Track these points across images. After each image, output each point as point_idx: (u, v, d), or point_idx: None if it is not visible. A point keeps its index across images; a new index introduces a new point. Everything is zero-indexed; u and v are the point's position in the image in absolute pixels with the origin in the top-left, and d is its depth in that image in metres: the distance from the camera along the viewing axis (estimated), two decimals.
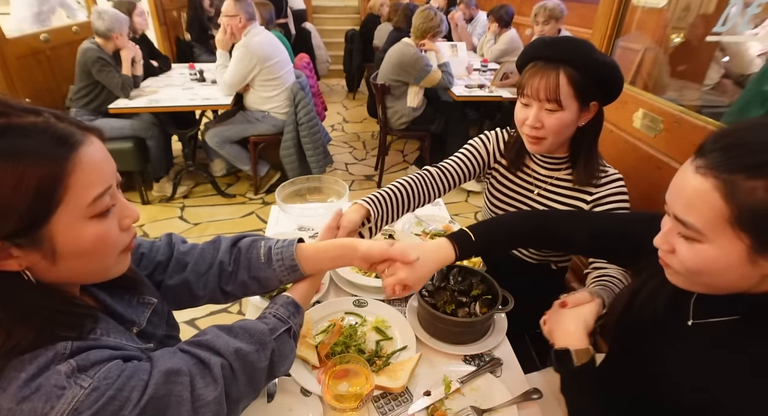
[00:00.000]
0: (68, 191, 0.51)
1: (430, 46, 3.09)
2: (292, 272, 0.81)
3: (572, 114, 1.06)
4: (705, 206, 0.60)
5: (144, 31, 3.42)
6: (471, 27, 4.84)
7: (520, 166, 1.25)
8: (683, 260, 0.65)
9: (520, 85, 1.09)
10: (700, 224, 0.61)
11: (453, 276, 1.12)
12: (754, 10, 1.16)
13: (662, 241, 0.69)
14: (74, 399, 0.49)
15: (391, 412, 0.88)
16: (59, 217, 0.51)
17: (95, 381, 0.51)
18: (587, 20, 3.43)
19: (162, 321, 0.77)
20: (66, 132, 0.52)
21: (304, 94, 2.99)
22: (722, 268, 0.61)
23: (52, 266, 0.53)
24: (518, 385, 0.94)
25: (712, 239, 0.60)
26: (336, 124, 4.84)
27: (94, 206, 0.53)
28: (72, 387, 0.50)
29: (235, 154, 3.18)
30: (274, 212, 1.58)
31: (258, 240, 0.85)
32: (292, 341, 0.75)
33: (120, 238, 0.59)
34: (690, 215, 0.62)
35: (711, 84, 1.84)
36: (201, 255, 0.83)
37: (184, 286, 0.81)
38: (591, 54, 1.02)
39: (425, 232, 1.46)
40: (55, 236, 0.51)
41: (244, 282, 0.82)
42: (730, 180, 0.57)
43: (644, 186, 1.42)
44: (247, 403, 0.69)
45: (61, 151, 0.50)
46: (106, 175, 0.55)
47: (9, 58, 2.77)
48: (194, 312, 2.17)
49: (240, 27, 2.81)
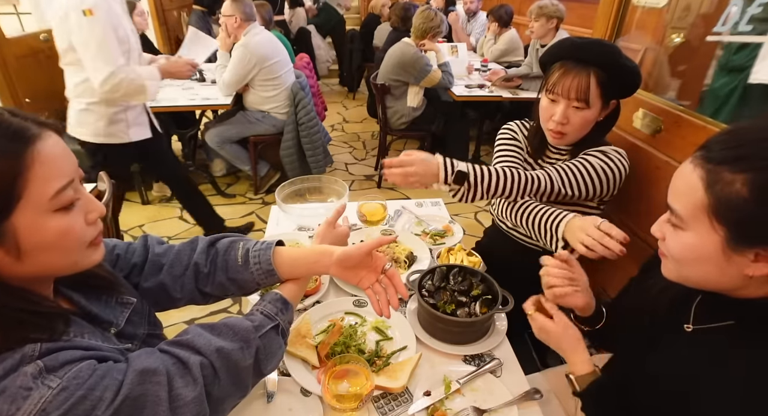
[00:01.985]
0: (28, 185, 0.51)
1: (430, 46, 3.09)
2: (269, 276, 0.80)
3: (596, 112, 1.15)
4: (689, 194, 0.62)
5: (144, 31, 3.42)
6: (470, 27, 4.84)
7: (541, 154, 1.33)
8: (669, 247, 0.68)
9: (548, 82, 1.16)
10: (683, 211, 0.63)
11: (453, 276, 1.12)
12: (754, 10, 1.16)
13: (656, 229, 0.72)
14: (41, 400, 0.48)
15: (391, 412, 0.88)
16: (21, 212, 0.51)
17: (64, 381, 0.50)
18: (587, 20, 3.43)
19: (143, 320, 0.76)
20: (20, 126, 0.51)
21: (304, 94, 2.99)
22: (699, 257, 0.63)
23: (17, 262, 0.53)
24: (518, 385, 0.94)
25: (692, 227, 0.63)
26: (336, 124, 4.84)
27: (57, 199, 0.53)
28: (39, 387, 0.48)
29: (235, 154, 3.18)
30: (274, 212, 1.58)
31: (236, 242, 0.83)
32: (281, 338, 0.74)
33: (85, 232, 0.59)
34: (676, 202, 0.65)
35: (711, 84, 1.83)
36: (177, 257, 0.82)
37: (161, 288, 0.81)
38: (619, 58, 1.10)
39: (425, 232, 1.45)
40: (17, 231, 0.51)
41: (221, 283, 0.81)
42: (714, 170, 0.59)
43: (644, 186, 1.42)
44: (234, 402, 0.68)
45: (16, 146, 0.50)
46: (66, 169, 0.55)
47: (9, 58, 2.77)
48: (194, 312, 2.17)
49: (235, 27, 2.81)
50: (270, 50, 2.89)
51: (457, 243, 1.35)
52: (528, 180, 1.12)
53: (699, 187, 0.61)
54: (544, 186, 1.13)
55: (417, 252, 1.32)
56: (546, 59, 1.20)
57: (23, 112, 0.54)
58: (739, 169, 0.57)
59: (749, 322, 0.66)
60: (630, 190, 1.41)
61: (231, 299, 2.28)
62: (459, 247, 1.32)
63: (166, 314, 2.48)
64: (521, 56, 3.96)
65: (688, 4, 1.64)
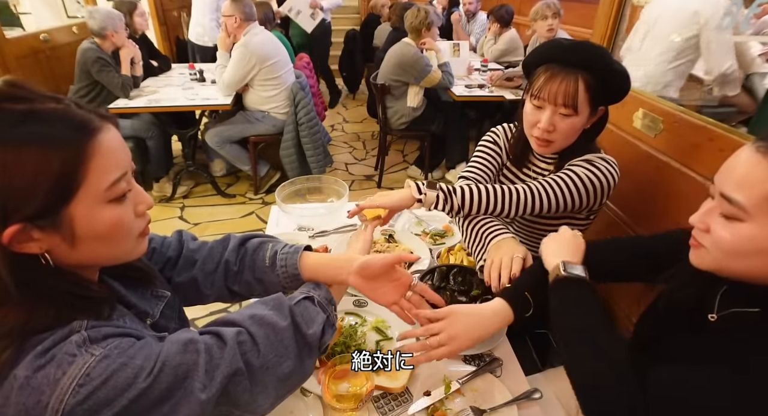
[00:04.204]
0: (87, 175, 0.52)
1: (430, 45, 3.09)
2: (295, 280, 0.80)
3: (584, 118, 1.07)
4: (758, 183, 0.60)
5: (144, 31, 3.42)
6: (470, 27, 4.84)
7: (525, 162, 1.26)
8: (717, 239, 0.65)
9: (533, 87, 1.07)
10: (747, 202, 0.61)
11: (453, 276, 1.12)
12: (755, 10, 1.16)
13: (698, 220, 0.69)
14: (85, 365, 0.50)
15: (391, 412, 0.88)
16: (79, 201, 0.53)
17: (106, 351, 0.52)
18: (587, 20, 3.43)
19: (174, 315, 0.78)
20: (85, 118, 0.54)
21: (304, 94, 2.99)
22: (756, 250, 0.61)
23: (72, 249, 0.55)
24: (518, 385, 0.94)
25: (755, 218, 0.60)
26: (336, 124, 4.84)
27: (112, 190, 0.55)
28: (83, 355, 0.51)
29: (235, 154, 3.18)
30: (274, 212, 1.57)
31: (266, 243, 0.84)
32: (318, 308, 0.71)
33: (135, 223, 0.61)
34: (739, 192, 0.62)
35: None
36: (210, 254, 0.83)
37: (192, 284, 0.82)
38: (608, 62, 1.04)
39: (425, 232, 1.45)
40: (74, 219, 0.53)
41: (249, 282, 0.82)
42: None
43: (644, 186, 1.42)
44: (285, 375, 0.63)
45: (80, 136, 0.52)
46: (122, 161, 0.57)
47: (9, 58, 2.77)
48: (194, 312, 2.17)
49: (235, 27, 2.81)
50: (270, 50, 2.89)
51: (457, 243, 1.35)
52: (505, 193, 1.08)
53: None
54: (524, 199, 1.07)
55: (417, 252, 1.32)
56: (530, 61, 1.11)
57: (87, 105, 0.56)
58: None
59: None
60: (630, 191, 1.41)
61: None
62: (459, 247, 1.32)
63: None
64: (521, 56, 3.96)
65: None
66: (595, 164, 1.10)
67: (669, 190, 1.34)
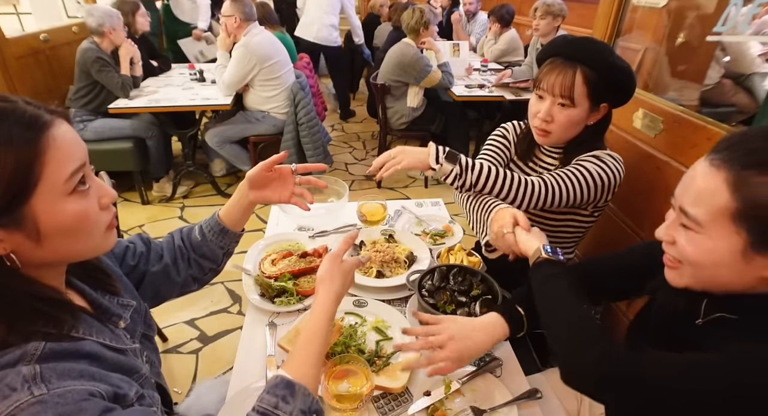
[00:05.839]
0: (44, 169, 0.53)
1: (430, 45, 3.09)
2: (223, 234, 0.94)
3: (582, 112, 1.10)
4: (711, 198, 0.61)
5: (145, 31, 3.42)
6: (470, 27, 4.84)
7: (530, 155, 1.30)
8: (681, 250, 0.66)
9: (537, 78, 1.14)
10: (703, 215, 0.62)
11: (453, 276, 1.12)
12: (754, 10, 1.16)
13: (664, 233, 0.70)
14: (17, 403, 0.47)
15: (391, 412, 0.88)
16: (39, 196, 0.53)
17: (47, 395, 0.49)
18: (587, 20, 3.43)
19: (141, 319, 0.80)
20: (34, 114, 0.54)
21: (304, 94, 2.99)
22: (716, 261, 0.62)
23: (37, 247, 0.54)
24: (518, 385, 0.94)
25: (710, 231, 0.62)
26: (336, 124, 4.84)
27: (71, 181, 0.55)
28: (22, 391, 0.48)
29: (235, 154, 3.18)
30: (274, 212, 1.58)
31: (194, 225, 0.97)
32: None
33: (100, 216, 0.61)
34: (695, 206, 0.63)
35: (711, 84, 1.84)
36: (167, 246, 0.95)
37: (165, 271, 0.92)
38: (608, 56, 1.07)
39: (425, 232, 1.45)
40: (37, 214, 0.53)
41: (196, 261, 0.95)
42: (742, 175, 0.58)
43: (644, 186, 1.42)
44: None
45: (32, 132, 0.52)
46: (77, 153, 0.57)
47: (9, 58, 2.77)
48: (194, 312, 2.17)
49: (235, 27, 2.81)
50: (270, 50, 2.89)
51: (457, 243, 1.35)
52: (521, 182, 1.10)
53: (723, 190, 0.59)
54: (538, 190, 1.10)
55: (417, 252, 1.32)
56: (540, 57, 1.18)
57: (35, 101, 0.57)
58: None
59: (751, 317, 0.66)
60: (630, 191, 1.41)
61: (230, 299, 2.29)
62: (459, 247, 1.32)
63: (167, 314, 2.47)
64: (521, 56, 3.97)
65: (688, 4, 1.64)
66: (602, 159, 1.13)
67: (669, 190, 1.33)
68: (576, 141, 1.18)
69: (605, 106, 1.13)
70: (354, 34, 4.89)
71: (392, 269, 1.25)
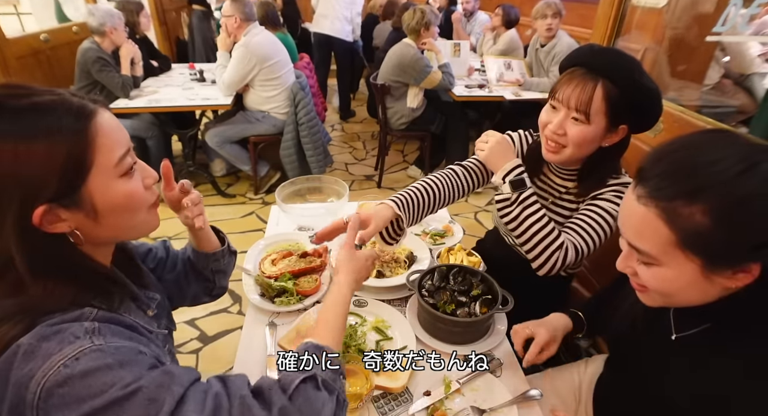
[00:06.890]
0: (96, 155, 0.58)
1: (431, 46, 3.09)
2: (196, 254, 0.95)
3: (598, 131, 1.00)
4: (653, 233, 0.61)
5: (146, 32, 3.43)
6: (470, 27, 4.84)
7: (538, 173, 1.20)
8: (645, 282, 0.66)
9: (554, 88, 1.04)
10: (652, 250, 0.62)
11: (453, 276, 1.12)
12: (754, 10, 1.16)
13: (623, 265, 0.70)
14: (79, 349, 0.53)
15: (391, 412, 0.88)
16: (93, 178, 0.58)
17: (105, 346, 0.55)
18: (587, 20, 3.43)
19: (164, 314, 0.84)
20: (81, 104, 0.59)
21: (304, 94, 2.99)
22: (682, 287, 0.63)
23: (96, 224, 0.61)
24: (518, 385, 0.94)
25: (666, 262, 0.62)
26: (336, 124, 4.84)
27: (121, 165, 0.61)
28: (84, 339, 0.54)
29: (235, 154, 3.18)
30: (274, 212, 1.58)
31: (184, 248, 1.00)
32: (324, 392, 0.62)
33: (146, 195, 0.67)
34: (641, 242, 0.63)
35: (711, 84, 1.84)
36: (182, 256, 0.98)
37: (176, 281, 0.95)
38: (635, 74, 0.95)
39: (425, 232, 1.46)
40: (93, 195, 0.59)
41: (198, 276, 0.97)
42: (670, 207, 0.58)
43: None
44: None
45: (80, 122, 0.57)
46: (123, 139, 0.63)
47: (9, 58, 2.77)
48: (194, 312, 2.17)
49: (235, 27, 2.81)
50: (270, 50, 2.89)
51: (457, 243, 1.35)
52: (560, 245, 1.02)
53: (660, 224, 0.59)
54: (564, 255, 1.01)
55: (417, 252, 1.32)
56: (564, 64, 1.06)
57: (79, 93, 0.62)
58: (694, 201, 0.56)
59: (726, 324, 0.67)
60: None
61: (230, 299, 2.29)
62: (459, 247, 1.32)
63: None
64: (521, 57, 3.96)
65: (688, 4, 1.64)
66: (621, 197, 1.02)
67: None
68: (591, 163, 1.08)
69: (624, 128, 1.01)
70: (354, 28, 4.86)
71: (392, 269, 1.25)
